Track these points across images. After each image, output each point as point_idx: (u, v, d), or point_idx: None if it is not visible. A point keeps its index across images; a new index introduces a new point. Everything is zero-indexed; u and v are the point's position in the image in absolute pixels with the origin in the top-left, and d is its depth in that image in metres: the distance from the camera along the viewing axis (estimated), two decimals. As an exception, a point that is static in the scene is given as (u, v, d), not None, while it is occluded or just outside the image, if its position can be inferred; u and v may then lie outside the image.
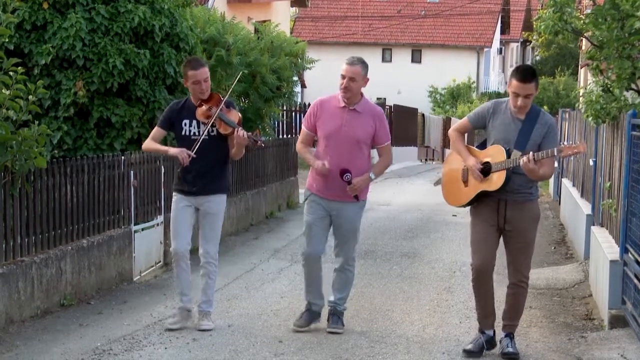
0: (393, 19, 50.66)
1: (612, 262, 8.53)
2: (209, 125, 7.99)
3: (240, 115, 8.23)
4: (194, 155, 7.88)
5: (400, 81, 47.68)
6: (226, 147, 8.19)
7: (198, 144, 7.94)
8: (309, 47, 24.15)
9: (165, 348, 7.51)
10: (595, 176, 11.76)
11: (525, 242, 7.36)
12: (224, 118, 7.99)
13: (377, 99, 36.16)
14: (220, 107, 7.98)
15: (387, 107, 35.11)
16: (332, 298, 8.18)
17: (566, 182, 16.44)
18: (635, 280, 7.73)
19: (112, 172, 10.19)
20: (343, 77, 7.79)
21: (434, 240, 14.08)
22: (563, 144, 6.97)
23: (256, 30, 18.47)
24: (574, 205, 13.89)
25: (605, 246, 9.23)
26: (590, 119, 11.01)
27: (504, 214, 7.29)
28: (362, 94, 8.02)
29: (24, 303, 8.31)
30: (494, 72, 55.52)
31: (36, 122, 8.33)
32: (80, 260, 9.32)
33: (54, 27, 10.62)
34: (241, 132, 7.90)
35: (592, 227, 10.84)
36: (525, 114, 7.24)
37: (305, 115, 8.20)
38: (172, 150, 8.13)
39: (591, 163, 12.27)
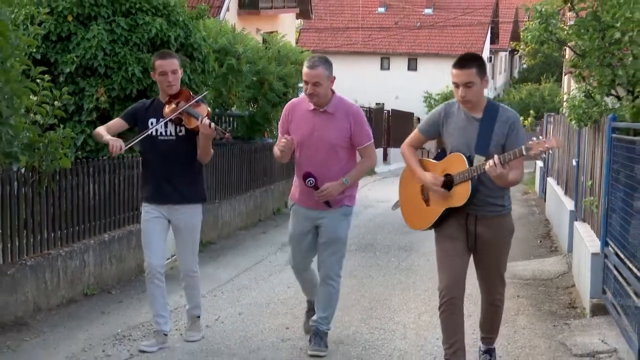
0: (391, 30, 50.67)
1: (593, 254, 8.54)
2: (169, 118, 6.84)
3: (209, 109, 7.13)
4: (123, 151, 6.77)
5: (397, 87, 47.69)
6: (196, 150, 7.00)
7: (141, 136, 6.87)
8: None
9: (181, 334, 7.52)
10: (577, 175, 11.78)
11: (498, 260, 6.19)
12: (191, 111, 6.83)
13: (376, 104, 36.28)
14: (192, 102, 6.86)
15: (386, 111, 35.10)
16: (315, 317, 7.04)
17: (551, 181, 16.46)
18: (615, 272, 7.73)
19: (131, 172, 10.23)
20: (306, 82, 6.62)
21: (429, 234, 13.93)
22: (533, 139, 5.46)
23: (264, 41, 18.49)
24: (558, 202, 13.90)
25: (587, 240, 9.23)
26: (573, 122, 11.01)
27: (474, 231, 6.00)
28: (333, 92, 6.79)
29: (50, 292, 8.34)
30: (484, 79, 55.45)
31: (61, 126, 8.35)
32: (102, 253, 9.35)
33: (78, 38, 10.63)
34: (206, 120, 6.70)
35: (575, 223, 10.85)
36: (482, 112, 5.91)
37: (280, 120, 7.10)
38: (106, 137, 6.78)
39: (574, 163, 12.29)
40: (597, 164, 9.74)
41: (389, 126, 33.87)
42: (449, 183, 5.89)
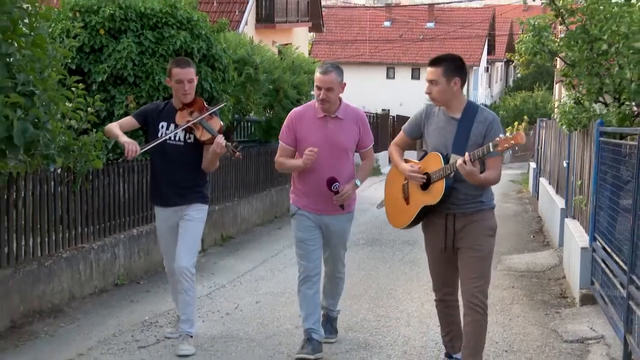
0: (396, 42, 50.66)
1: (582, 249, 8.52)
2: (182, 127, 6.46)
3: (222, 123, 6.72)
4: (137, 154, 6.27)
5: (401, 95, 47.62)
6: (202, 156, 6.63)
7: (157, 142, 6.45)
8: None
9: (203, 321, 7.53)
10: (568, 176, 11.75)
11: (477, 257, 5.54)
12: (205, 124, 6.47)
13: (382, 110, 36.27)
14: (205, 115, 6.50)
15: (391, 116, 35.12)
16: (324, 303, 6.82)
17: (543, 181, 16.43)
18: (602, 265, 7.71)
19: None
20: (319, 88, 6.22)
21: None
22: (500, 136, 5.13)
23: (279, 52, 18.53)
24: (550, 200, 13.87)
25: (576, 235, 9.22)
26: (564, 127, 10.99)
27: (453, 230, 5.61)
28: (340, 99, 6.42)
29: (84, 282, 8.36)
30: (482, 87, 55.41)
31: (94, 130, 8.36)
32: (131, 247, 9.37)
33: (109, 49, 10.66)
34: (220, 139, 6.35)
35: (566, 219, 10.83)
36: (461, 113, 5.57)
37: (282, 130, 6.54)
38: (122, 139, 6.33)
39: (565, 164, 12.27)
40: (586, 165, 9.72)
41: (394, 130, 33.80)
42: (426, 181, 5.59)
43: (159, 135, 6.54)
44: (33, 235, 7.71)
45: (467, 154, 5.22)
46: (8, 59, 6.75)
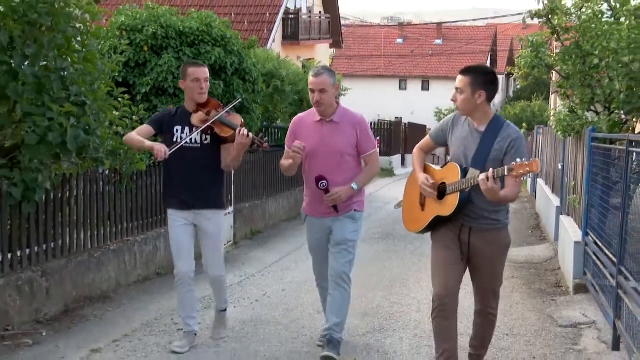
0: (407, 57, 50.58)
1: (576, 243, 8.48)
2: (202, 128, 5.83)
3: (242, 119, 6.09)
4: (167, 156, 5.67)
5: (413, 104, 47.56)
6: (219, 158, 6.00)
7: (182, 143, 5.81)
8: (343, 79, 24.11)
9: (235, 307, 7.54)
10: (563, 177, 11.69)
11: (492, 274, 5.19)
12: (224, 120, 5.87)
13: (395, 118, 36.16)
14: (223, 112, 5.91)
15: (403, 124, 35.04)
16: (327, 324, 5.82)
17: (540, 181, 16.35)
18: (594, 257, 7.67)
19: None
20: (312, 90, 5.69)
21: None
22: (517, 161, 4.53)
23: (303, 66, 18.57)
24: (547, 199, 13.80)
25: (570, 231, 9.17)
26: (559, 133, 10.96)
27: (467, 242, 5.05)
28: (338, 103, 5.84)
29: (129, 272, 8.40)
30: (485, 98, 55.23)
31: (138, 136, 8.40)
32: (171, 240, 9.39)
33: (152, 64, 10.71)
34: (244, 130, 5.72)
35: (561, 216, 10.77)
36: (486, 126, 4.98)
37: (287, 135, 6.02)
38: (148, 143, 5.80)
39: (560, 167, 12.21)
40: (579, 167, 9.68)
41: (406, 136, 33.78)
42: (442, 191, 5.04)
43: (174, 139, 5.90)
44: (84, 230, 7.75)
45: (491, 170, 4.65)
46: (63, 73, 6.80)
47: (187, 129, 5.91)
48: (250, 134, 5.73)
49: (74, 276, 7.41)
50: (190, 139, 5.86)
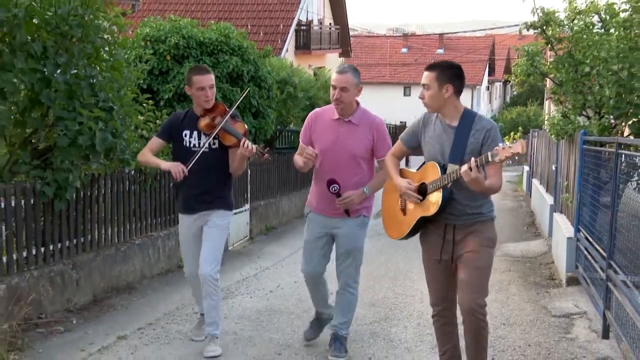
0: (411, 65, 50.48)
1: (568, 238, 8.45)
2: (212, 137, 5.48)
3: (246, 127, 5.67)
4: (186, 173, 5.39)
5: (416, 110, 46.90)
6: (227, 160, 5.63)
7: (197, 157, 5.44)
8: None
9: (250, 297, 7.55)
10: (556, 177, 11.65)
11: (476, 268, 4.48)
12: (229, 128, 5.47)
13: (400, 122, 36.09)
14: (226, 117, 5.49)
15: (407, 128, 35.00)
16: (334, 322, 5.66)
17: (535, 181, 16.31)
18: (585, 252, 7.65)
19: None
20: (334, 87, 5.21)
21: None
22: (499, 145, 4.17)
23: (315, 74, 18.56)
24: (541, 197, 13.75)
25: (563, 227, 9.14)
26: (553, 136, 10.92)
27: (452, 240, 4.59)
28: (357, 104, 5.37)
29: (152, 264, 8.42)
30: (484, 103, 55.03)
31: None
32: (192, 235, 9.40)
33: (174, 72, 10.75)
34: (247, 143, 5.31)
35: (554, 214, 10.74)
36: (458, 121, 4.54)
37: (302, 129, 5.57)
38: (165, 165, 5.56)
39: (553, 168, 12.17)
40: (572, 168, 9.65)
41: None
42: (422, 192, 4.58)
43: (184, 144, 5.56)
44: (111, 225, 7.77)
45: (472, 159, 4.21)
46: (92, 80, 6.83)
47: (195, 133, 5.56)
48: (252, 146, 5.31)
49: (102, 268, 7.44)
50: (198, 144, 5.52)
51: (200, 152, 5.47)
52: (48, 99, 6.43)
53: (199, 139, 5.54)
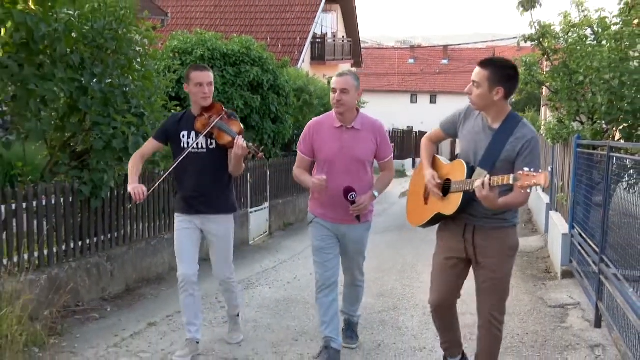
0: (418, 75, 50.45)
1: (563, 235, 8.40)
2: (203, 134, 4.93)
3: (242, 126, 5.09)
4: (145, 196, 4.72)
5: (422, 116, 47.37)
6: (226, 162, 5.06)
7: (182, 157, 4.93)
8: (363, 94, 23.95)
9: (270, 288, 7.56)
10: (552, 178, 11.59)
11: (495, 278, 4.05)
12: (223, 127, 4.94)
13: (407, 127, 36.04)
14: (221, 115, 4.98)
15: (414, 132, 35.06)
16: (345, 309, 5.47)
17: (532, 182, 16.23)
18: (579, 247, 7.60)
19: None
20: (334, 90, 4.77)
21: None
22: (524, 170, 3.53)
23: (328, 83, 18.52)
24: (538, 197, 13.68)
25: (558, 224, 9.09)
26: (549, 140, 10.87)
27: (472, 242, 4.10)
28: (357, 110, 4.94)
29: (180, 257, 8.43)
30: (485, 110, 54.97)
31: (188, 142, 8.42)
32: (216, 231, 9.40)
33: (200, 81, 10.77)
34: (241, 141, 4.81)
35: (550, 212, 10.68)
36: (500, 124, 3.98)
37: (300, 139, 5.04)
38: (129, 187, 4.77)
39: (549, 169, 12.10)
40: (566, 170, 9.60)
41: (417, 143, 33.76)
42: (446, 188, 4.13)
43: (182, 145, 5.02)
44: (142, 221, 7.80)
45: (487, 177, 3.71)
46: (125, 89, 6.87)
47: (193, 134, 5.00)
48: (244, 143, 4.80)
49: (134, 261, 7.47)
50: (196, 144, 4.98)
51: (187, 152, 4.93)
52: (85, 105, 6.49)
53: (197, 139, 4.99)
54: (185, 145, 4.98)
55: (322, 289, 4.99)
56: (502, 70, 3.92)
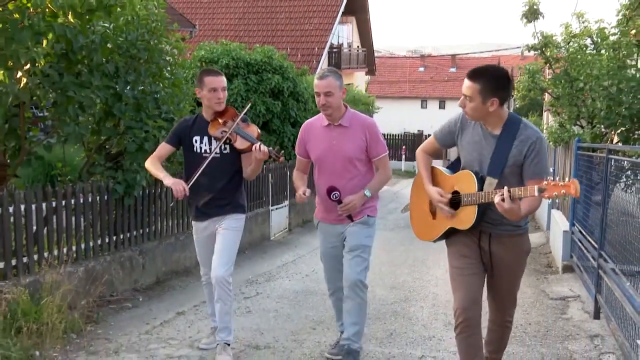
0: (428, 82, 50.30)
1: (564, 231, 8.35)
2: (223, 140, 4.57)
3: (258, 130, 4.73)
4: (187, 193, 4.45)
5: (432, 120, 46.97)
6: (239, 165, 4.71)
7: (207, 162, 4.56)
8: (377, 100, 23.98)
9: (289, 280, 7.56)
10: (554, 178, 11.52)
11: (511, 280, 3.84)
12: (242, 132, 4.58)
13: (418, 131, 35.92)
14: (237, 120, 4.60)
15: (424, 135, 34.86)
16: (345, 334, 4.59)
17: (535, 182, 16.15)
18: (579, 243, 7.55)
19: (259, 174, 10.32)
20: (318, 94, 4.41)
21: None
22: (549, 179, 3.24)
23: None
24: (540, 196, 13.61)
25: (560, 222, 9.03)
26: (551, 143, 10.80)
27: (488, 249, 3.72)
28: (346, 107, 4.57)
29: (206, 252, 8.45)
30: (490, 114, 54.68)
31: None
32: (239, 227, 9.43)
33: (225, 88, 10.81)
34: (261, 146, 4.45)
35: (552, 210, 10.61)
36: (501, 129, 3.56)
37: (297, 141, 4.73)
38: (167, 181, 4.48)
39: (551, 170, 12.03)
40: (567, 170, 9.54)
41: (426, 145, 33.75)
42: (455, 202, 3.68)
43: (194, 150, 4.67)
44: (172, 218, 7.83)
45: (505, 189, 3.34)
46: (156, 95, 6.92)
47: (205, 139, 4.65)
48: (266, 149, 4.47)
49: (163, 254, 7.51)
50: (209, 149, 4.64)
51: (210, 157, 4.58)
52: (119, 111, 6.55)
53: (210, 144, 4.64)
54: (199, 150, 4.65)
55: (332, 292, 4.87)
56: (493, 81, 3.49)
